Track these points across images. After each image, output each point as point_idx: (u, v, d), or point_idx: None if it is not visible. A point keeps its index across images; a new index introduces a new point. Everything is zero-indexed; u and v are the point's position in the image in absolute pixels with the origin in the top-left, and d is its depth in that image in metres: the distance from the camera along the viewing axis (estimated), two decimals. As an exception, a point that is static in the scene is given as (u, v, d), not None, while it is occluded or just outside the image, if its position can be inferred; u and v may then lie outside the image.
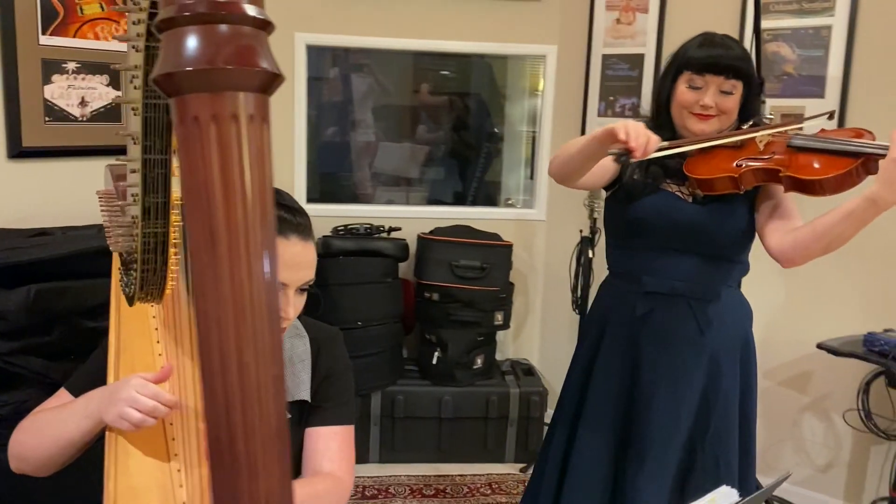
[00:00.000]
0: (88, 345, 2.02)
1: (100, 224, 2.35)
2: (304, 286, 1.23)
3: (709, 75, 1.68)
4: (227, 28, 0.63)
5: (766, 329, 2.77)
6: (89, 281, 1.97)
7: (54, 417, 1.18)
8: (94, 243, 2.00)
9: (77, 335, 1.94)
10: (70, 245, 1.95)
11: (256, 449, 0.65)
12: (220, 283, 0.63)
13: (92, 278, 1.99)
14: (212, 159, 0.62)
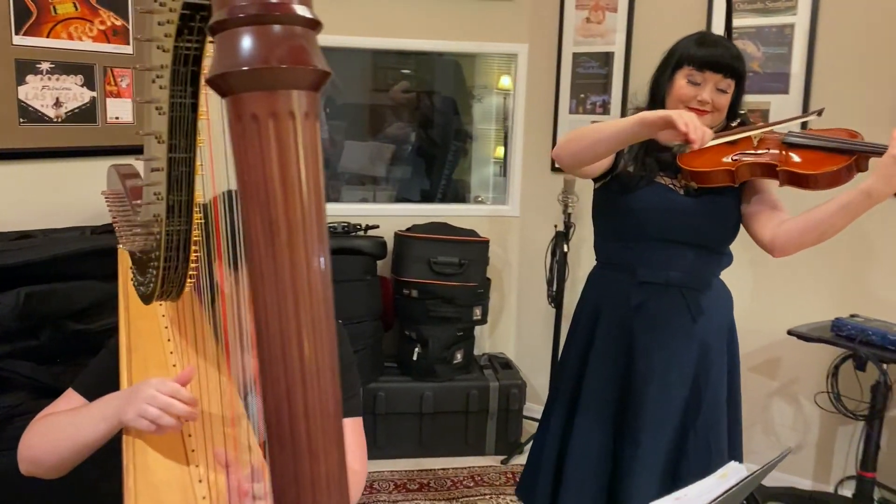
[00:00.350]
0: (76, 348, 2.01)
1: (82, 226, 2.34)
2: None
3: (708, 72, 1.73)
4: (280, 28, 0.65)
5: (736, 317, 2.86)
6: (76, 283, 1.95)
7: (69, 421, 1.18)
8: (81, 245, 1.99)
9: (65, 338, 1.92)
10: (56, 247, 1.93)
11: (316, 432, 0.67)
12: (280, 272, 0.66)
13: (78, 280, 1.98)
14: (271, 155, 0.65)
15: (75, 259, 1.94)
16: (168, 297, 1.08)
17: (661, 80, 1.81)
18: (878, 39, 2.64)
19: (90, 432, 1.15)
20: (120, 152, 2.68)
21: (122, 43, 2.65)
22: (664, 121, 1.53)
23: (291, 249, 0.66)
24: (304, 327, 0.67)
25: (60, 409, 1.25)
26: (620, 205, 1.81)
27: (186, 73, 0.91)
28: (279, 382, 0.67)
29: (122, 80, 2.67)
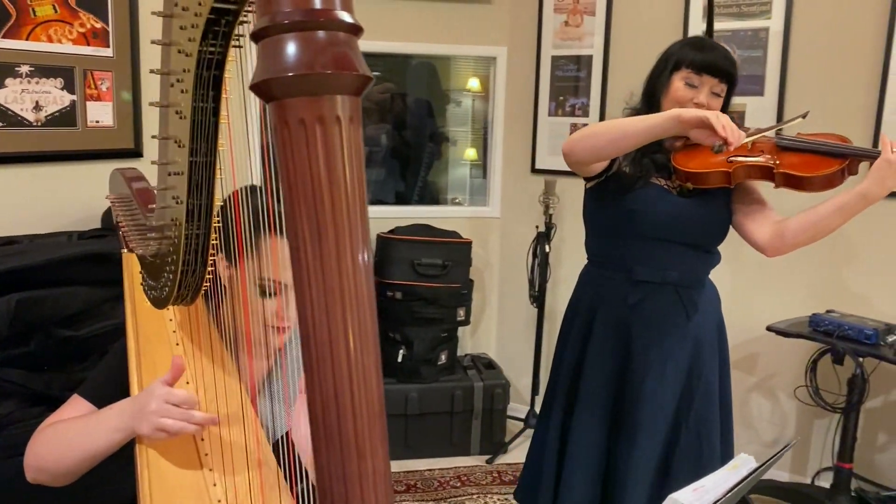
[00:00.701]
0: (65, 355, 1.98)
1: (68, 231, 2.31)
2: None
3: (706, 76, 1.76)
4: (323, 34, 0.67)
5: (716, 315, 2.93)
6: (65, 289, 1.93)
7: (79, 430, 1.17)
8: (70, 251, 1.96)
9: (55, 345, 1.90)
10: (46, 253, 1.91)
11: (363, 431, 0.69)
12: (328, 274, 0.67)
13: (67, 286, 1.95)
14: (318, 159, 0.66)
15: (64, 265, 1.92)
16: (183, 301, 1.08)
17: (658, 81, 1.84)
18: (849, 42, 2.72)
19: (102, 442, 1.14)
20: (101, 156, 2.65)
21: (102, 46, 2.62)
22: (700, 121, 1.56)
23: (338, 252, 0.67)
24: (350, 328, 0.68)
25: (67, 416, 1.23)
26: (617, 205, 1.83)
27: (209, 78, 0.91)
28: (327, 383, 0.68)
29: (102, 83, 2.64)
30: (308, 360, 0.69)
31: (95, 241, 2.10)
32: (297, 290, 0.69)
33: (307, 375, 0.69)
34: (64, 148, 2.53)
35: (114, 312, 2.09)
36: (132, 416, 1.11)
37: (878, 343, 2.41)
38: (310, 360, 0.68)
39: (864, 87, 2.70)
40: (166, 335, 1.25)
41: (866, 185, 1.62)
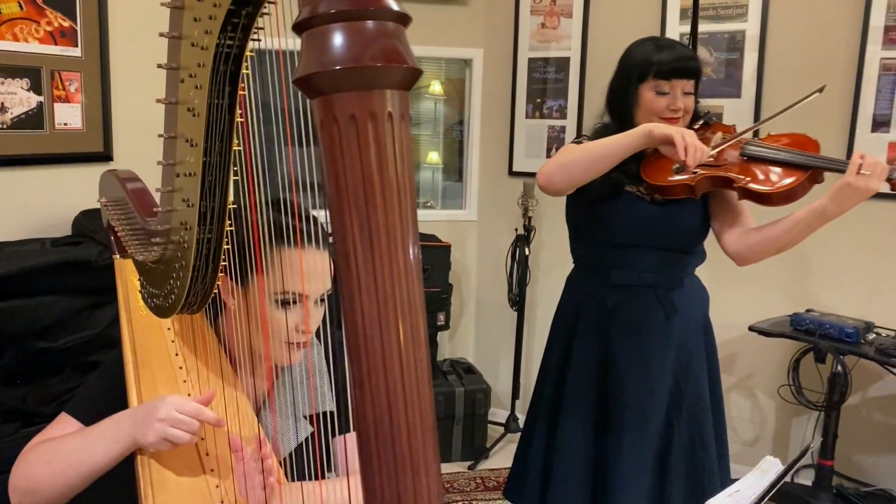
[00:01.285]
0: (41, 367, 1.89)
1: (39, 238, 2.21)
2: (322, 297, 1.20)
3: (675, 79, 1.74)
4: (372, 24, 0.63)
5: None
6: (40, 299, 1.84)
7: (74, 445, 1.10)
8: (45, 258, 1.87)
9: (30, 358, 1.81)
10: (18, 261, 1.82)
11: (418, 446, 0.65)
12: (379, 281, 0.63)
13: (41, 296, 1.87)
14: (370, 158, 0.62)
15: (38, 273, 1.83)
16: (190, 309, 1.02)
17: (626, 96, 1.81)
18: (825, 44, 2.76)
19: (100, 456, 1.07)
20: (69, 160, 2.55)
21: (69, 45, 2.52)
22: (668, 138, 1.59)
23: (390, 256, 0.63)
24: (403, 337, 0.64)
25: (55, 435, 1.16)
26: (591, 214, 1.85)
27: (225, 73, 0.86)
28: (380, 396, 0.64)
29: (70, 84, 2.54)
30: (358, 373, 0.64)
31: (70, 249, 2.01)
32: (346, 299, 0.65)
33: (357, 390, 0.65)
34: (31, 151, 2.43)
35: (90, 322, 2.01)
36: (134, 425, 1.05)
37: (858, 341, 2.45)
38: (360, 374, 0.64)
39: (839, 90, 2.74)
40: (165, 346, 1.19)
41: (825, 204, 1.61)
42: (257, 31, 0.85)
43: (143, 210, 1.10)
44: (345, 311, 0.65)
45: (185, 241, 0.94)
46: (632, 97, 1.80)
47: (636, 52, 1.81)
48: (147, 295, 1.08)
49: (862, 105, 2.69)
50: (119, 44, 2.65)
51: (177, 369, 1.16)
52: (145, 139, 2.80)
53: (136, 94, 2.72)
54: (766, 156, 1.72)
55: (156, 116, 3.06)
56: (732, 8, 2.88)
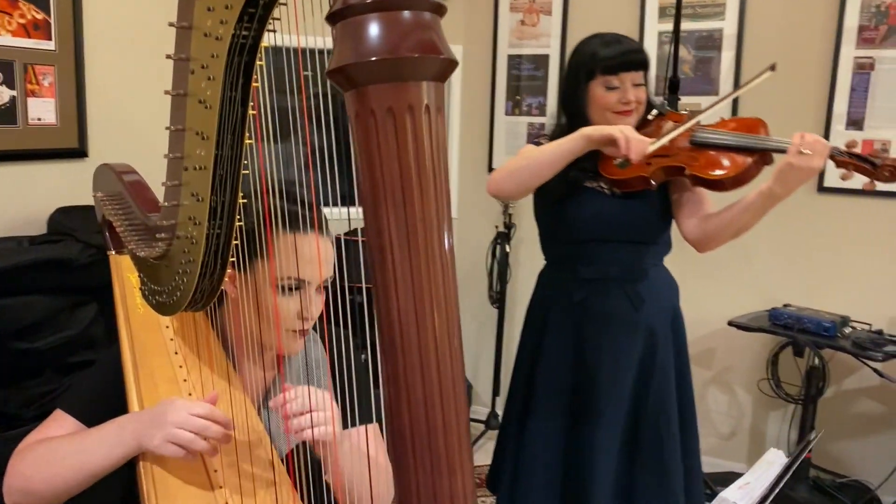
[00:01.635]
0: (22, 369, 1.84)
1: (16, 236, 2.15)
2: (324, 283, 1.20)
3: (623, 73, 1.77)
4: (409, 14, 0.62)
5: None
6: (21, 298, 1.79)
7: (75, 447, 1.07)
8: (24, 257, 1.82)
9: (10, 359, 1.76)
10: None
11: (453, 446, 0.64)
12: (417, 277, 0.62)
13: (21, 296, 1.81)
14: (408, 152, 0.61)
15: (19, 272, 1.78)
16: (196, 306, 1.00)
17: (577, 96, 1.83)
18: (801, 44, 2.81)
19: (101, 459, 1.04)
20: (43, 156, 2.49)
21: (43, 38, 2.46)
22: (606, 138, 1.64)
23: (428, 251, 0.62)
24: (440, 335, 0.63)
25: (53, 433, 1.13)
26: (554, 213, 1.88)
27: (240, 64, 0.84)
28: (416, 394, 0.63)
29: (43, 78, 2.48)
30: (394, 371, 0.63)
31: (50, 247, 1.96)
32: (381, 294, 0.63)
33: (392, 387, 0.63)
34: (3, 147, 2.36)
35: (70, 322, 1.96)
36: (138, 429, 1.02)
37: (836, 335, 2.49)
38: (396, 371, 0.63)
39: (814, 89, 2.79)
40: (164, 344, 1.16)
41: (770, 186, 1.63)
42: (273, 21, 0.83)
43: (144, 204, 1.08)
44: (379, 307, 0.64)
45: (193, 236, 0.92)
46: (582, 95, 1.82)
47: (583, 51, 1.84)
48: (148, 292, 1.06)
49: (836, 103, 2.74)
50: (94, 37, 2.59)
51: (176, 368, 1.14)
52: (121, 134, 2.74)
53: (112, 88, 2.66)
54: (714, 141, 1.75)
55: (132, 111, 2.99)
56: (710, 7, 2.91)
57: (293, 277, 1.10)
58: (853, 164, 1.63)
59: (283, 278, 1.10)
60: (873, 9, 2.63)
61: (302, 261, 1.12)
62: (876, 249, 2.75)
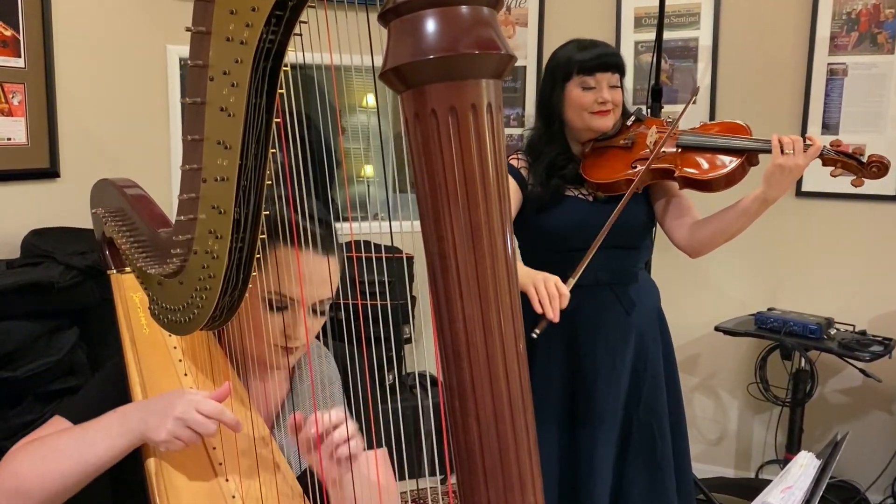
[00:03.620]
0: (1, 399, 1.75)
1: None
2: (319, 306, 1.14)
3: (599, 74, 1.79)
4: (466, 10, 0.59)
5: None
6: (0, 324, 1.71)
7: (73, 439, 0.99)
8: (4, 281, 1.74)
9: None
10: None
11: (525, 461, 0.61)
12: (483, 282, 0.59)
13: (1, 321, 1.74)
14: (472, 152, 0.59)
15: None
16: (215, 324, 0.95)
17: (553, 97, 1.86)
18: (775, 51, 2.85)
19: (102, 451, 0.97)
20: (13, 177, 2.41)
21: (12, 55, 2.38)
22: (523, 288, 1.60)
23: (492, 256, 0.59)
24: (508, 343, 0.60)
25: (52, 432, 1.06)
26: (536, 224, 1.87)
27: (265, 70, 0.81)
28: (486, 409, 0.60)
29: (13, 96, 2.40)
30: (460, 384, 0.60)
31: (29, 270, 1.88)
32: (444, 305, 0.60)
33: (459, 402, 0.60)
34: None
35: (50, 349, 1.88)
36: (144, 419, 0.97)
37: (822, 337, 2.52)
38: (462, 384, 0.60)
39: (789, 95, 2.83)
40: (172, 365, 1.11)
41: (764, 190, 1.68)
42: (300, 24, 0.80)
43: (151, 219, 1.03)
44: (441, 318, 0.61)
45: (213, 250, 0.88)
46: (559, 97, 1.84)
47: (559, 54, 1.88)
48: (159, 311, 1.00)
49: (811, 109, 2.78)
50: (64, 54, 2.52)
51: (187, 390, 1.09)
52: (95, 154, 2.66)
53: (84, 106, 2.59)
54: (701, 144, 1.79)
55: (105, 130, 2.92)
56: (685, 16, 2.95)
57: (278, 293, 1.06)
58: (841, 161, 1.69)
59: (272, 292, 1.05)
60: (844, 16, 2.69)
61: (295, 278, 1.07)
62: (855, 251, 2.79)
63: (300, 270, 1.09)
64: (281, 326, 1.08)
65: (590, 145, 1.89)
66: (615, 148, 1.86)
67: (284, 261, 1.07)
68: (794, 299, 2.82)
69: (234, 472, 1.03)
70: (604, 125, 1.84)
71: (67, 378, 1.91)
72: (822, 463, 0.99)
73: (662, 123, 1.88)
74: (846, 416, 2.85)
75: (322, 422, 0.97)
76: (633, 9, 3.02)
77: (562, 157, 1.87)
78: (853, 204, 2.73)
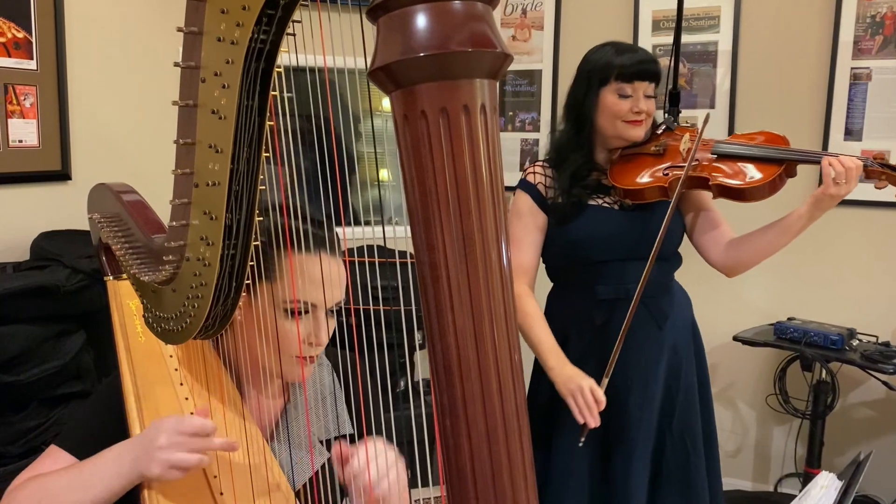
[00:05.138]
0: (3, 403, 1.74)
1: (1, 263, 2.05)
2: (334, 307, 1.13)
3: (637, 82, 1.73)
4: (459, 5, 0.56)
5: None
6: (4, 328, 1.70)
7: (69, 481, 0.98)
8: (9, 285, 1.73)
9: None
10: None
11: (519, 483, 0.57)
12: (476, 294, 0.56)
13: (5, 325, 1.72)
14: (464, 155, 0.55)
15: (1, 301, 1.68)
16: (207, 332, 0.92)
17: (587, 100, 1.79)
18: (797, 55, 2.79)
19: (100, 492, 0.96)
20: (24, 180, 2.40)
21: (24, 57, 2.38)
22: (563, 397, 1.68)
23: (486, 266, 0.56)
24: (502, 358, 0.56)
25: (47, 470, 1.04)
26: (560, 236, 1.81)
27: (257, 71, 0.78)
28: (477, 426, 0.56)
29: (25, 98, 2.39)
30: (451, 401, 0.56)
31: (35, 274, 1.87)
32: (434, 317, 0.57)
33: (449, 420, 0.57)
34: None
35: (56, 353, 1.87)
36: (135, 459, 0.95)
37: (843, 348, 2.45)
38: (454, 402, 0.56)
39: (812, 100, 2.77)
40: (167, 374, 1.08)
41: (810, 211, 1.66)
42: (293, 24, 0.77)
43: (146, 225, 1.00)
44: (432, 331, 0.57)
45: (205, 258, 0.85)
46: (592, 102, 1.77)
47: (596, 57, 1.80)
48: (153, 319, 0.98)
49: (834, 115, 2.72)
50: (76, 56, 2.51)
51: (182, 400, 1.06)
52: (106, 156, 2.66)
53: (95, 108, 2.58)
54: (738, 152, 1.73)
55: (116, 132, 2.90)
56: (705, 19, 2.90)
57: (301, 300, 1.04)
58: (886, 174, 1.63)
59: (289, 301, 1.03)
60: (868, 19, 2.63)
61: (311, 282, 1.06)
62: (878, 260, 2.72)
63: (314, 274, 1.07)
64: (304, 335, 1.07)
65: (618, 152, 1.81)
66: (645, 155, 1.79)
67: (297, 267, 1.06)
68: (815, 309, 2.75)
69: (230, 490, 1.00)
70: (635, 135, 1.77)
71: (73, 382, 1.90)
72: (845, 484, 0.95)
73: (693, 132, 1.81)
74: (868, 430, 2.78)
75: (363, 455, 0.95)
76: (651, 12, 2.97)
77: (585, 167, 1.80)
78: (876, 212, 2.66)
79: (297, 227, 1.08)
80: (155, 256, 0.95)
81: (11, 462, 1.67)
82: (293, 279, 1.04)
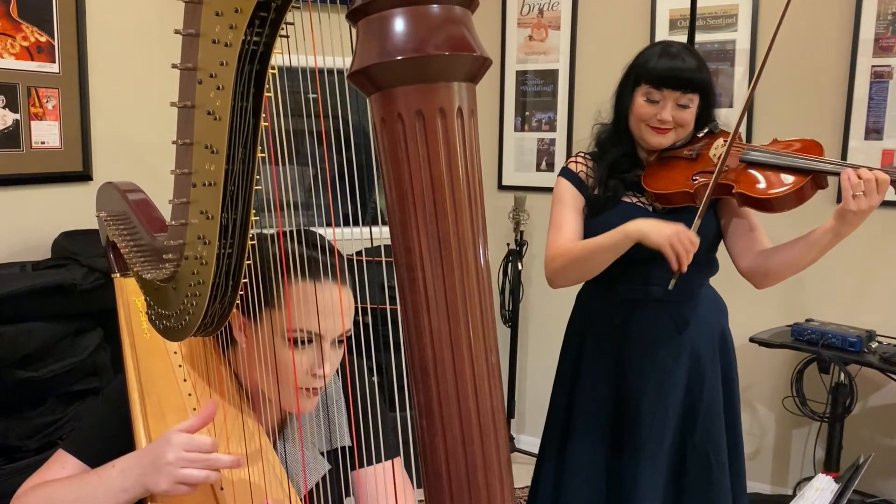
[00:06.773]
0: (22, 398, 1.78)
1: (19, 262, 2.10)
2: (340, 337, 1.10)
3: (666, 90, 1.69)
4: (437, 9, 0.56)
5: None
6: (22, 325, 1.73)
7: (75, 492, 0.99)
8: (27, 283, 1.77)
9: (10, 388, 1.69)
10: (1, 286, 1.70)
11: (495, 483, 0.58)
12: (452, 296, 0.56)
13: (23, 322, 1.76)
14: (440, 159, 0.56)
15: (21, 299, 1.72)
16: (206, 330, 0.94)
17: (623, 97, 1.78)
18: (816, 54, 2.76)
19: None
20: (47, 180, 2.45)
21: (47, 61, 2.43)
22: (659, 248, 1.58)
23: (462, 268, 0.56)
24: (478, 360, 0.57)
25: (54, 476, 1.06)
26: (591, 229, 1.78)
27: (251, 73, 0.79)
28: (453, 427, 0.56)
29: (47, 101, 2.44)
30: (426, 402, 0.57)
31: (53, 272, 1.91)
32: (411, 318, 0.57)
33: (425, 421, 0.57)
34: (7, 171, 2.32)
35: (73, 349, 1.90)
36: (142, 473, 0.95)
37: (862, 350, 2.42)
38: (429, 403, 0.56)
39: (831, 99, 2.73)
40: (171, 371, 1.10)
41: (836, 226, 1.58)
42: (286, 26, 0.78)
43: (150, 224, 1.02)
44: (409, 333, 0.58)
45: (202, 256, 0.86)
46: (627, 99, 1.76)
47: (642, 55, 1.77)
48: (155, 316, 1.00)
49: (854, 114, 2.68)
50: (98, 59, 2.55)
51: (185, 396, 1.08)
52: (126, 157, 2.70)
53: (117, 110, 2.62)
54: (765, 161, 1.66)
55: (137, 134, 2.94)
56: (722, 18, 2.87)
57: (304, 329, 1.03)
58: None
59: (294, 330, 1.02)
60: (889, 16, 2.59)
61: (316, 312, 1.03)
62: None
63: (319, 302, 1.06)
64: (307, 366, 1.05)
65: (655, 154, 1.79)
66: (679, 159, 1.75)
67: (303, 296, 1.04)
68: (833, 310, 2.72)
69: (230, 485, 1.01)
70: (656, 143, 1.74)
71: (90, 379, 1.93)
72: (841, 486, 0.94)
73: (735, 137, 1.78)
74: (888, 433, 2.73)
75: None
76: (668, 10, 2.95)
77: (626, 160, 1.78)
78: (894, 212, 2.61)
79: (303, 253, 1.07)
80: (157, 255, 0.97)
81: (28, 456, 1.71)
82: (289, 307, 1.01)
